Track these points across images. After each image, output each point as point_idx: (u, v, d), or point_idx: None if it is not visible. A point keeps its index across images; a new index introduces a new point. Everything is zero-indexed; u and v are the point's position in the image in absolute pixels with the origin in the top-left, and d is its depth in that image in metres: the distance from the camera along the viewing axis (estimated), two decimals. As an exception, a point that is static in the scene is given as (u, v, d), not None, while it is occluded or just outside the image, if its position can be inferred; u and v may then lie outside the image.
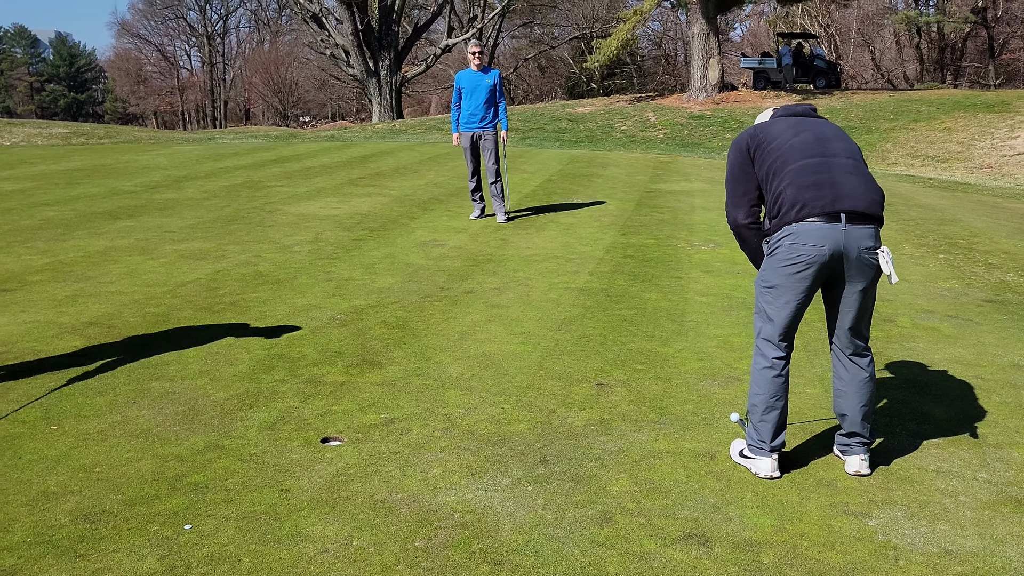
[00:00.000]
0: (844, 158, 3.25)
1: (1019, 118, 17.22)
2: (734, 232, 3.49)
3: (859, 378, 3.33)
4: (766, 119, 3.56)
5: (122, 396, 4.14)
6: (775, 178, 3.24)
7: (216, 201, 10.38)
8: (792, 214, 3.15)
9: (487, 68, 9.21)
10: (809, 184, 3.15)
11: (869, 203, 3.15)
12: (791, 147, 3.26)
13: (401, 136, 22.50)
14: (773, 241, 3.24)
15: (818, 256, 3.12)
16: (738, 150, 3.42)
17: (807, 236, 3.12)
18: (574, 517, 3.06)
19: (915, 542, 2.92)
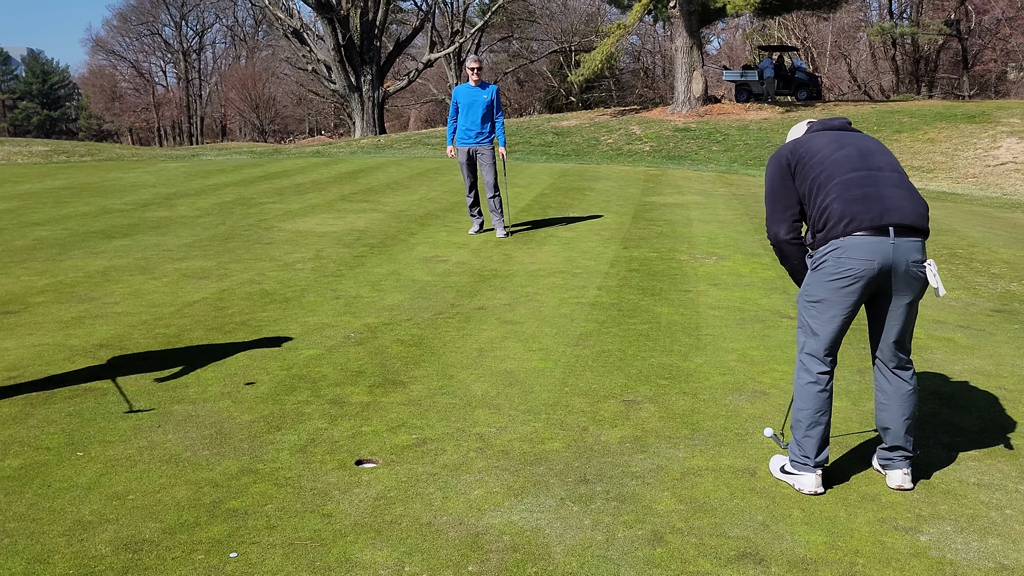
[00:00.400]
0: (889, 171, 3.25)
1: (1000, 128, 17.48)
2: (775, 248, 3.48)
3: (902, 391, 3.33)
4: (800, 134, 3.56)
5: (145, 420, 4.06)
6: (819, 192, 3.23)
7: (210, 219, 10.28)
8: (840, 228, 3.14)
9: (485, 83, 9.17)
10: (856, 197, 3.15)
11: (916, 216, 3.16)
12: (835, 161, 3.26)
13: (387, 151, 22.46)
14: (819, 255, 3.24)
15: (867, 270, 3.12)
16: (778, 165, 3.41)
17: (856, 250, 3.12)
18: (624, 537, 3.03)
19: (970, 557, 2.91)
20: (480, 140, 9.13)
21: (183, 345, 5.23)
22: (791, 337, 5.52)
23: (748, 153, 18.95)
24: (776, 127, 21.14)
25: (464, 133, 9.15)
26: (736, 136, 20.35)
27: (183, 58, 68.98)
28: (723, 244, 8.80)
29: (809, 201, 3.29)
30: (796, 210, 3.36)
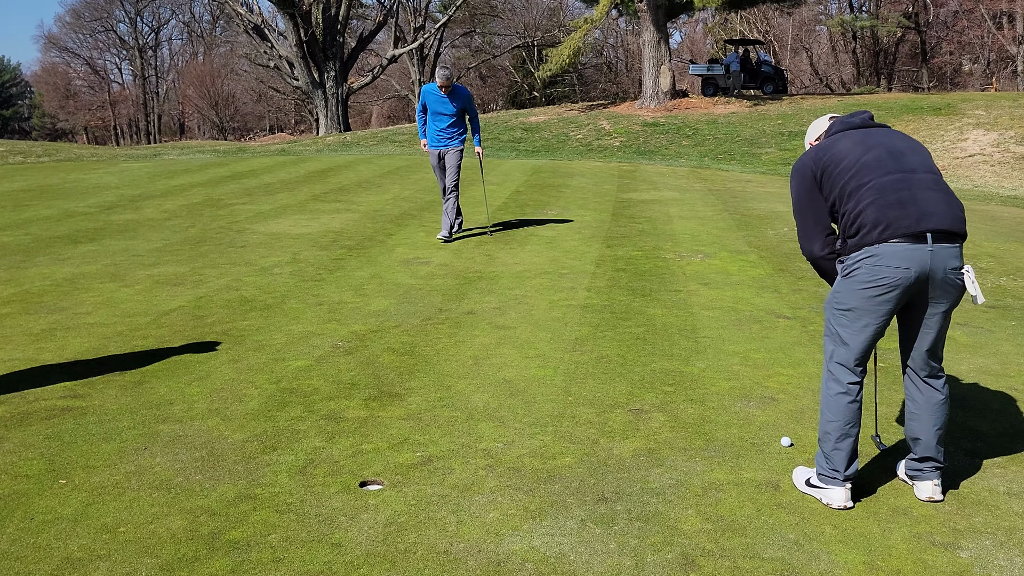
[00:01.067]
0: (923, 173, 3.11)
1: (966, 120, 17.66)
2: (811, 262, 3.34)
3: (934, 401, 3.21)
4: (821, 130, 3.41)
5: (130, 442, 3.82)
6: (850, 199, 3.09)
7: (179, 221, 9.96)
8: (875, 235, 3.00)
9: (455, 87, 8.72)
10: (892, 203, 3.01)
11: (954, 220, 3.03)
12: (864, 165, 3.11)
13: (354, 149, 22.13)
14: (851, 262, 3.09)
15: (903, 279, 2.99)
16: (802, 177, 3.25)
17: (892, 258, 2.98)
18: (655, 563, 2.88)
19: (1016, 575, 2.80)
20: (448, 144, 8.83)
21: (163, 358, 4.99)
22: (791, 338, 5.41)
23: (718, 147, 18.94)
24: (744, 121, 21.18)
25: (433, 136, 8.85)
26: (705, 130, 20.35)
27: (139, 55, 67.66)
28: (707, 241, 8.70)
29: (839, 207, 3.14)
30: (828, 223, 3.22)
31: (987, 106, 19.01)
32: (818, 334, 5.49)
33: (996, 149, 15.85)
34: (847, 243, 3.12)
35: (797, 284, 6.90)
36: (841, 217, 3.14)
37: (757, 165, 17.15)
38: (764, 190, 13.20)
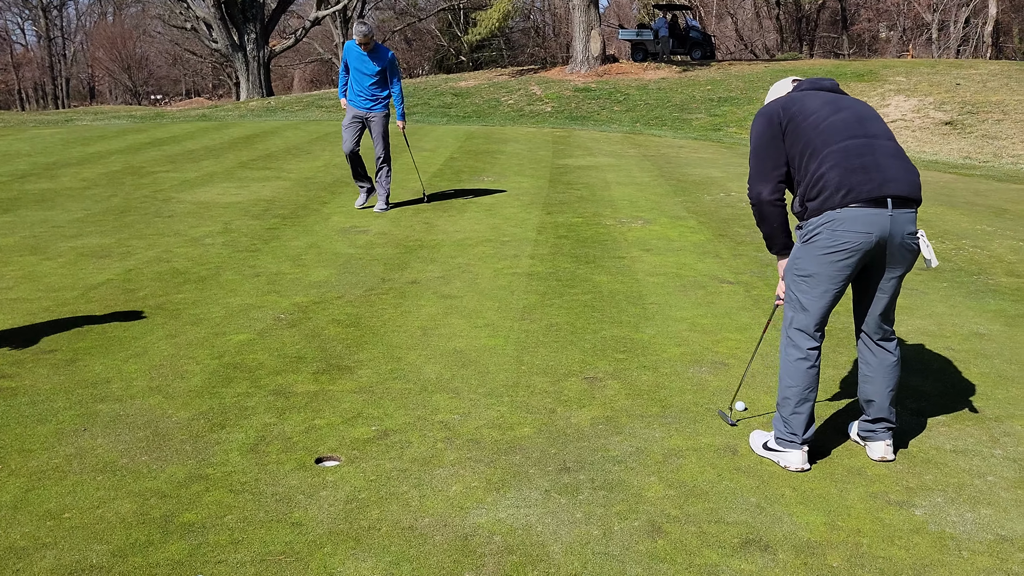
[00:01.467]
0: (885, 139, 3.14)
1: (888, 87, 18.11)
2: (755, 208, 3.28)
3: (887, 363, 3.28)
4: (784, 92, 3.39)
5: (67, 423, 3.65)
6: (813, 159, 3.08)
7: (99, 190, 9.55)
8: (837, 199, 3.01)
9: (378, 47, 8.25)
10: (856, 167, 3.02)
11: (912, 187, 3.07)
12: (831, 125, 3.10)
13: (279, 114, 21.56)
14: (811, 227, 3.10)
15: (864, 243, 3.02)
16: (767, 123, 3.22)
17: (853, 222, 3.00)
18: (622, 530, 2.87)
19: (968, 530, 2.89)
20: (373, 107, 8.35)
21: (96, 334, 4.77)
22: (735, 303, 5.48)
23: (649, 113, 19.05)
24: (675, 87, 21.33)
25: (355, 96, 8.37)
26: (636, 96, 20.42)
27: (43, 15, 64.40)
28: (646, 208, 8.74)
29: (800, 166, 3.13)
30: (783, 171, 3.19)
31: (907, 73, 19.52)
32: (762, 299, 5.57)
33: (917, 115, 16.32)
34: (807, 207, 3.12)
35: (737, 249, 6.98)
36: (803, 176, 3.12)
37: (688, 131, 17.30)
38: (698, 156, 13.33)
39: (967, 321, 5.15)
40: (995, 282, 6.06)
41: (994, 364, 4.44)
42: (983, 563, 2.70)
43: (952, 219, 8.25)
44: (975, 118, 15.89)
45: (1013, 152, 13.86)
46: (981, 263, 6.58)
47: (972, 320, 5.17)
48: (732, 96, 19.57)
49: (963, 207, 9.01)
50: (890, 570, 2.66)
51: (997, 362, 4.47)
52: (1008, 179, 11.65)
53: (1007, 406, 3.90)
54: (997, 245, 7.20)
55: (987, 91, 17.41)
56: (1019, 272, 6.33)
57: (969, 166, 13.13)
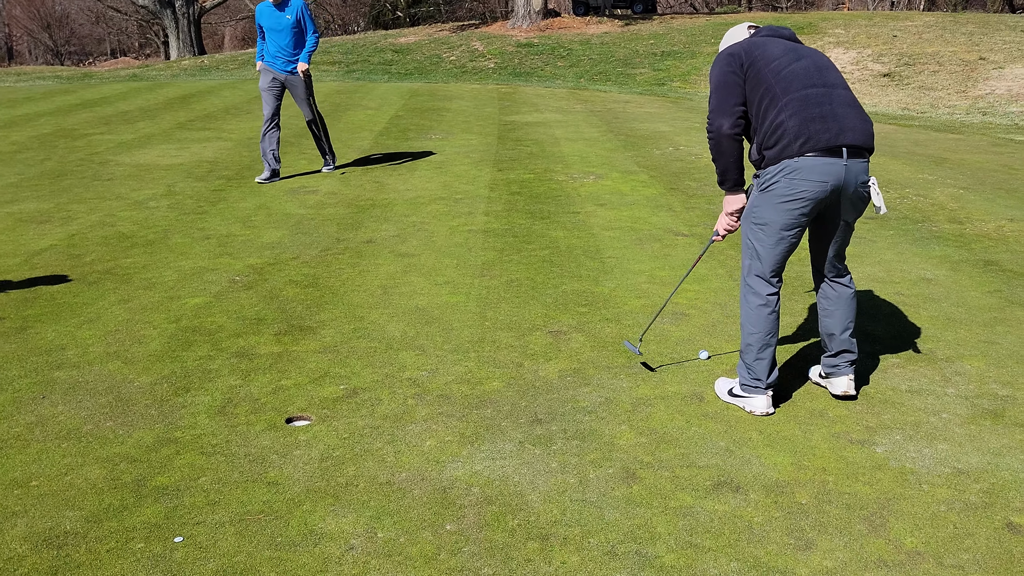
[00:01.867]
0: (841, 89, 3.19)
1: (828, 39, 18.34)
2: (713, 141, 3.25)
3: (845, 295, 3.38)
4: (741, 37, 3.40)
5: (24, 391, 3.56)
6: (772, 106, 3.11)
7: (31, 154, 9.21)
8: (795, 147, 3.05)
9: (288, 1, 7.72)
10: (814, 116, 3.06)
11: (867, 136, 3.13)
12: (792, 73, 3.13)
13: (213, 73, 20.97)
14: (769, 176, 3.14)
15: (819, 191, 3.08)
16: (729, 62, 3.20)
17: (811, 171, 3.05)
18: (597, 478, 2.92)
19: (927, 465, 3.00)
20: (291, 68, 7.83)
21: (44, 301, 4.64)
22: (692, 255, 5.55)
23: (593, 68, 19.00)
24: (617, 41, 21.28)
25: (272, 59, 7.83)
26: (580, 51, 20.34)
27: (-44, -29, 61.30)
28: (597, 163, 8.76)
29: (759, 112, 3.15)
30: (743, 108, 3.20)
31: (846, 25, 19.78)
32: (716, 249, 5.65)
33: (856, 67, 16.57)
34: (764, 155, 3.16)
35: (689, 202, 7.06)
36: (761, 123, 3.14)
37: (633, 86, 17.32)
38: (644, 110, 13.37)
39: (914, 267, 5.30)
40: (939, 229, 6.25)
41: (942, 307, 4.60)
42: (942, 495, 2.82)
43: (895, 169, 8.45)
44: (912, 69, 16.21)
45: (949, 103, 14.20)
46: (925, 211, 6.77)
47: (919, 266, 5.33)
48: (675, 50, 19.62)
49: (904, 157, 9.23)
50: (855, 504, 2.76)
51: (944, 305, 4.63)
52: (945, 129, 11.95)
53: (956, 347, 4.05)
54: (939, 193, 7.40)
55: (923, 43, 17.75)
56: (960, 219, 6.53)
57: (907, 117, 13.43)
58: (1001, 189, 7.60)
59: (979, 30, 18.56)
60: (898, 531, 2.63)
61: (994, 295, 4.81)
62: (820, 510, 2.74)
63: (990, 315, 4.49)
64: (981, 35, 18.07)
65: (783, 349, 4.02)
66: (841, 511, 2.73)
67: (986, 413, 3.39)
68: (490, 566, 2.46)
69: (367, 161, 8.94)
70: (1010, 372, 3.77)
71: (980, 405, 3.46)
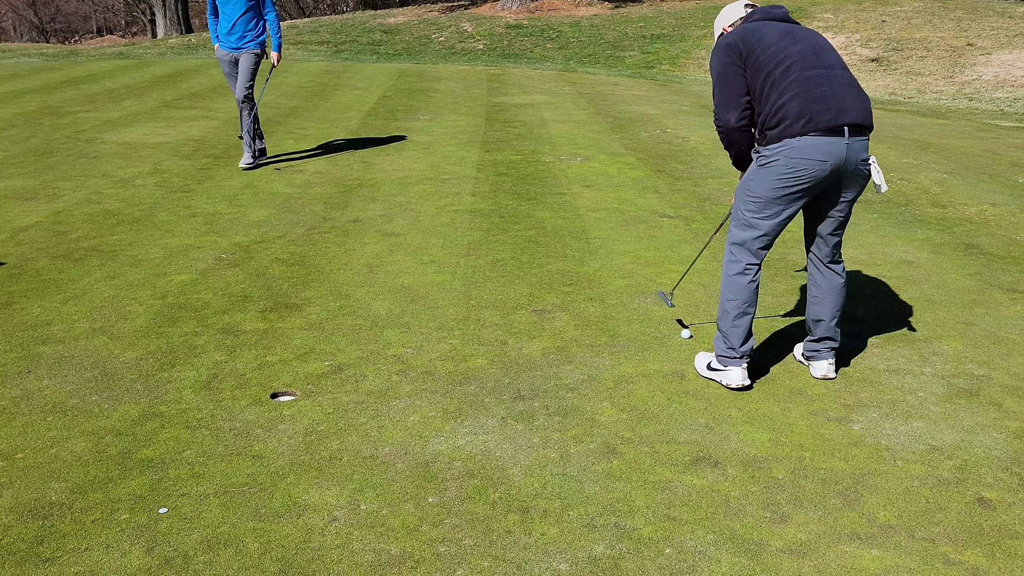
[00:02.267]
0: (840, 69, 3.22)
1: (817, 23, 18.33)
2: (724, 135, 3.32)
3: (836, 284, 3.42)
4: (736, 16, 3.41)
5: (10, 366, 3.57)
6: (774, 89, 3.14)
7: (16, 131, 9.15)
8: (797, 127, 3.08)
9: None
10: (815, 97, 3.09)
11: (866, 115, 3.17)
12: (790, 56, 3.15)
13: (201, 52, 20.79)
14: (769, 153, 3.17)
15: (819, 170, 3.11)
16: (727, 52, 3.25)
17: (812, 150, 3.09)
18: (578, 453, 2.97)
19: (902, 442, 3.06)
20: (243, 44, 7.34)
21: (30, 277, 4.64)
22: (676, 236, 5.59)
23: (583, 50, 18.95)
24: (607, 24, 21.23)
25: (227, 38, 7.38)
26: (569, 33, 20.28)
27: (-61, -55, 60.44)
28: (584, 145, 8.77)
29: (761, 96, 3.19)
30: (747, 98, 3.25)
31: (835, 9, 19.78)
32: (702, 231, 5.69)
33: (845, 52, 16.59)
34: (766, 135, 3.19)
35: (675, 184, 7.09)
36: (763, 105, 3.18)
37: (622, 68, 17.30)
38: (632, 93, 13.37)
39: (896, 250, 5.36)
40: (922, 212, 6.30)
41: (922, 289, 4.65)
42: (916, 471, 2.88)
43: (880, 153, 8.50)
44: (900, 55, 16.25)
45: (935, 88, 14.26)
46: (908, 195, 6.83)
47: (901, 249, 5.38)
48: (664, 33, 19.58)
49: (890, 141, 9.28)
50: (831, 480, 2.82)
51: (925, 287, 4.69)
52: (931, 114, 12.01)
53: (935, 328, 4.11)
54: (923, 177, 7.46)
55: (911, 28, 17.79)
56: (943, 203, 6.59)
57: (895, 102, 13.48)
58: (984, 174, 7.67)
59: (968, 16, 18.60)
60: (872, 505, 2.68)
61: (974, 277, 4.87)
62: (796, 484, 2.79)
63: (969, 297, 4.55)
64: (969, 21, 18.11)
65: (765, 327, 4.06)
66: (816, 486, 2.79)
67: (961, 392, 3.45)
68: (471, 537, 2.50)
69: (354, 141, 8.92)
70: (986, 352, 3.83)
71: (956, 384, 3.52)
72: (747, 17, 3.38)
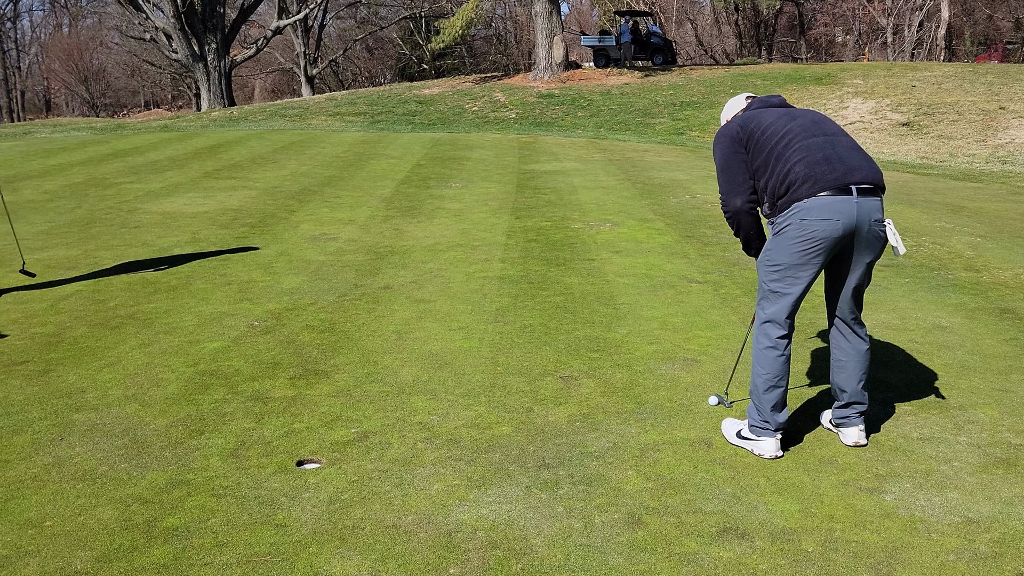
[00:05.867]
0: (842, 136, 3.28)
1: (846, 90, 18.48)
2: (731, 219, 3.43)
3: (861, 349, 3.39)
4: (739, 108, 3.54)
5: (44, 433, 3.63)
6: (778, 161, 3.20)
7: (63, 202, 9.45)
8: (805, 189, 3.12)
9: None
10: (819, 160, 3.15)
11: (875, 174, 3.19)
12: (790, 131, 3.25)
13: (242, 124, 21.42)
14: (782, 220, 3.20)
15: (831, 230, 3.12)
16: (729, 140, 3.36)
17: (821, 211, 3.11)
18: (602, 523, 2.93)
19: (936, 513, 2.98)
20: None
21: (67, 345, 4.74)
22: (705, 302, 5.57)
23: (613, 118, 19.22)
24: (637, 92, 21.54)
25: None
26: (600, 101, 20.60)
27: (-3, 26, 63.29)
28: (613, 211, 8.84)
29: (766, 172, 3.25)
30: (751, 182, 3.33)
31: (864, 75, 19.92)
32: (730, 297, 5.67)
33: (874, 116, 16.66)
34: (777, 204, 3.22)
35: (704, 249, 7.10)
36: (771, 179, 3.23)
37: (652, 135, 17.49)
38: (662, 159, 13.49)
39: (929, 315, 5.29)
40: (955, 277, 6.23)
41: (956, 355, 4.58)
42: (952, 544, 2.80)
43: (912, 217, 8.45)
44: (931, 119, 16.26)
45: (968, 151, 14.21)
46: (941, 259, 6.76)
47: (934, 314, 5.31)
48: (694, 100, 19.83)
49: (922, 205, 9.23)
50: (863, 553, 2.75)
51: (959, 353, 4.61)
52: (964, 177, 11.94)
53: (970, 395, 4.03)
54: (956, 241, 7.39)
55: (942, 92, 17.82)
56: (977, 267, 6.51)
57: (926, 166, 13.44)
58: (1019, 237, 7.58)
59: (998, 80, 18.61)
60: (905, 579, 2.60)
61: (1010, 343, 4.78)
62: (826, 558, 2.72)
63: (1005, 363, 4.46)
64: (1001, 85, 18.11)
65: (794, 394, 4.01)
66: (848, 559, 2.72)
67: (998, 462, 3.37)
68: (492, 610, 2.46)
69: (388, 209, 9.08)
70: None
71: (992, 454, 3.43)
72: (747, 108, 3.48)
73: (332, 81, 59.36)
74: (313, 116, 21.70)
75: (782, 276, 3.24)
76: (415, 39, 51.98)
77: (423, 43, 48.01)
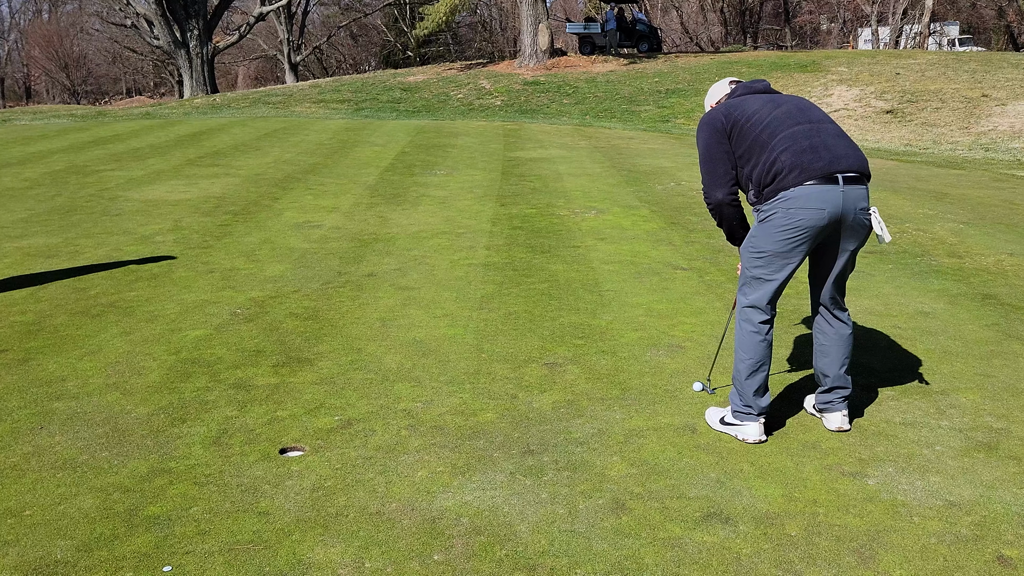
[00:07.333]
0: (828, 123, 3.27)
1: (831, 77, 18.51)
2: (714, 210, 3.40)
3: (844, 334, 3.40)
4: (722, 93, 3.51)
5: (23, 422, 3.59)
6: (763, 150, 3.19)
7: (43, 190, 9.35)
8: (790, 179, 3.11)
9: None
10: (804, 148, 3.13)
11: (860, 162, 3.19)
12: (775, 118, 3.22)
13: (225, 111, 21.26)
14: (768, 208, 3.20)
15: (817, 219, 3.12)
16: (712, 129, 3.33)
17: (807, 200, 3.10)
18: (587, 508, 2.93)
19: (918, 497, 3.00)
20: None
21: (47, 333, 4.69)
22: (690, 288, 5.58)
23: (599, 106, 19.18)
24: (622, 79, 21.51)
25: None
26: (585, 89, 20.56)
27: (-24, 13, 62.53)
28: (599, 198, 8.83)
29: (752, 161, 3.23)
30: (734, 173, 3.31)
31: (849, 63, 19.96)
32: (715, 283, 5.68)
33: (859, 104, 16.70)
34: (763, 193, 3.21)
35: (689, 236, 7.10)
36: (755, 167, 3.22)
37: (637, 123, 17.47)
38: (647, 147, 13.48)
39: (912, 300, 5.32)
40: (938, 263, 6.26)
41: (938, 341, 4.60)
42: (933, 527, 2.82)
43: (896, 203, 8.49)
44: (914, 106, 16.31)
45: (951, 139, 14.28)
46: (924, 245, 6.79)
47: (917, 299, 5.34)
48: (679, 88, 19.81)
49: (905, 192, 9.27)
50: (846, 537, 2.76)
51: (941, 339, 4.63)
52: (947, 165, 12.00)
53: (952, 380, 4.05)
54: (939, 228, 7.43)
55: (925, 80, 17.88)
56: (960, 253, 6.54)
57: (910, 153, 13.49)
58: (1001, 224, 7.62)
59: (982, 68, 18.69)
60: (887, 563, 2.62)
61: (991, 328, 4.81)
62: (809, 542, 2.73)
63: (987, 348, 4.49)
64: (984, 72, 18.19)
65: (777, 379, 4.02)
66: (831, 543, 2.73)
67: (980, 446, 3.39)
68: (476, 596, 2.46)
69: (372, 196, 9.03)
70: (1005, 405, 3.77)
71: (974, 438, 3.45)
72: (731, 93, 3.46)
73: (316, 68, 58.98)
74: (297, 103, 21.56)
75: (766, 263, 3.24)
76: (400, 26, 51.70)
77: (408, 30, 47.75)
